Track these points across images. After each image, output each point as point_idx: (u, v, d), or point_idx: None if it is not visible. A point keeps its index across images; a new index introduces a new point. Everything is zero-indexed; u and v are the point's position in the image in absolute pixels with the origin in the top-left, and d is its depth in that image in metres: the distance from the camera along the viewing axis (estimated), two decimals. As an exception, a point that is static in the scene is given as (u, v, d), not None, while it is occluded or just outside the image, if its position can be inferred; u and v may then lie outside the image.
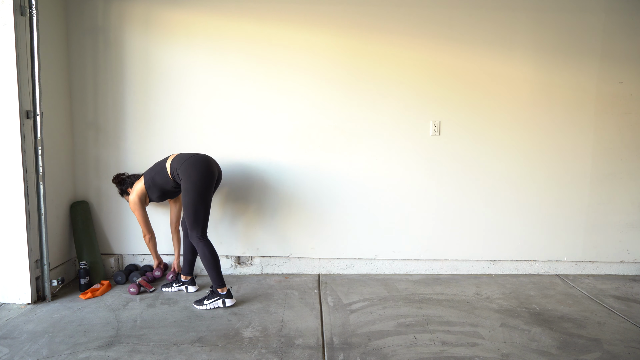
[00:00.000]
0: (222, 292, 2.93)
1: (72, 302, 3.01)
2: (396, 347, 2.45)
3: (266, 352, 2.39)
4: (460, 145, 3.53)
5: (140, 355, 2.34)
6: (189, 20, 3.37)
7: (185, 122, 3.46)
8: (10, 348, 2.40)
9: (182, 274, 3.21)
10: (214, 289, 2.93)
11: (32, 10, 2.84)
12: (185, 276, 3.20)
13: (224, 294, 2.93)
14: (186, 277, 3.21)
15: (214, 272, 2.90)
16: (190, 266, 3.19)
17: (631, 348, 2.48)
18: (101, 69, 3.41)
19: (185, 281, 3.21)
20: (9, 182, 2.87)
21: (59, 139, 3.30)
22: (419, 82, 3.45)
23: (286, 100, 3.45)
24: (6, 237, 2.91)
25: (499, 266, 3.66)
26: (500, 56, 3.45)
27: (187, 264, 3.18)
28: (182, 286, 3.21)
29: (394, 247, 3.61)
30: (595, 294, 3.28)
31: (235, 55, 3.40)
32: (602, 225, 3.63)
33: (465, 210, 3.59)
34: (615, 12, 3.43)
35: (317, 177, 3.52)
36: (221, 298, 2.92)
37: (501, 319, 2.82)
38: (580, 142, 3.55)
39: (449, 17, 3.41)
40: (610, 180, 3.59)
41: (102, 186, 3.50)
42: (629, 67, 3.49)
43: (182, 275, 3.21)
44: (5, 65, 2.79)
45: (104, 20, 3.37)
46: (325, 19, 3.39)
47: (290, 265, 3.61)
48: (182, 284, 3.21)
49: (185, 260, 3.18)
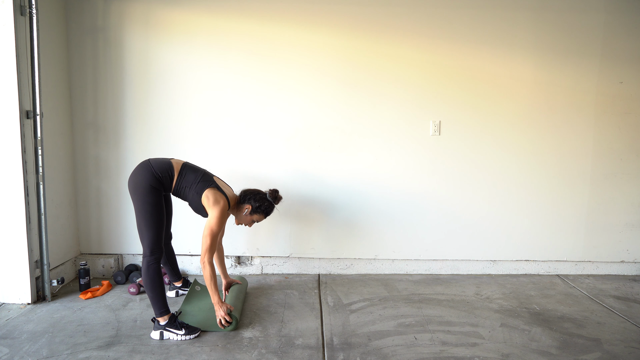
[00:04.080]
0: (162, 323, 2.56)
1: (72, 302, 3.01)
2: (396, 347, 2.45)
3: (266, 352, 2.39)
4: (460, 145, 3.52)
5: (140, 355, 2.34)
6: (189, 20, 3.37)
7: (185, 122, 3.46)
8: (10, 348, 2.40)
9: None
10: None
11: (32, 10, 2.84)
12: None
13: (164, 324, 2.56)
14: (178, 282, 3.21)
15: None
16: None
17: (631, 348, 2.48)
18: (101, 69, 3.41)
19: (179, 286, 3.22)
20: (9, 182, 2.87)
21: (59, 139, 3.30)
22: (419, 82, 3.45)
23: (287, 100, 3.44)
24: (6, 237, 2.91)
25: (499, 266, 3.66)
26: (500, 56, 3.45)
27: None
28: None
29: (394, 247, 3.61)
30: (595, 294, 3.28)
31: (235, 54, 3.39)
32: (602, 225, 3.63)
33: (465, 210, 3.59)
34: (616, 12, 3.43)
35: (317, 177, 3.52)
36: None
37: (501, 319, 2.82)
38: (580, 142, 3.55)
39: (450, 17, 3.41)
40: (610, 180, 3.59)
41: (102, 186, 3.50)
42: (629, 67, 3.49)
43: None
44: (5, 65, 2.79)
45: (104, 20, 3.37)
46: (326, 19, 3.38)
47: (290, 265, 3.61)
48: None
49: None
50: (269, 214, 2.86)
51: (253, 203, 2.78)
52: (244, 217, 2.83)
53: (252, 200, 2.78)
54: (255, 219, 2.85)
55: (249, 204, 2.79)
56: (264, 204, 2.79)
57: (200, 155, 3.47)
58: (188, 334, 2.53)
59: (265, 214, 2.83)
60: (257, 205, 2.78)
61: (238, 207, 2.83)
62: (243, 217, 2.83)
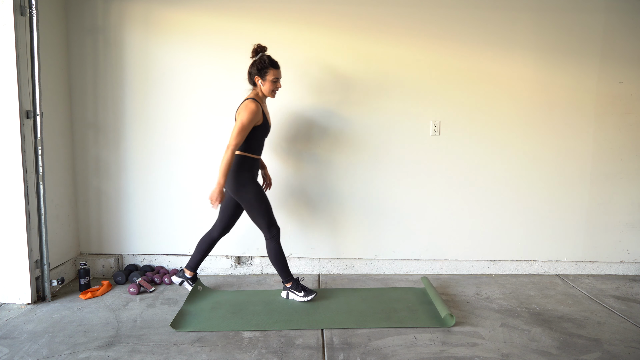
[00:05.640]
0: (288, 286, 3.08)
1: (72, 302, 3.01)
2: (396, 347, 2.45)
3: (266, 352, 2.39)
4: (460, 144, 3.52)
5: (140, 355, 2.34)
6: (189, 20, 3.37)
7: (185, 121, 3.46)
8: (10, 348, 2.40)
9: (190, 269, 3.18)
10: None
11: (32, 10, 2.84)
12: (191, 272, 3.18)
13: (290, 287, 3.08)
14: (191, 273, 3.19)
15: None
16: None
17: (631, 348, 2.48)
18: (101, 69, 3.41)
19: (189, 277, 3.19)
20: (9, 182, 2.87)
21: (59, 139, 3.30)
22: (419, 81, 3.45)
23: (286, 100, 3.44)
24: (6, 237, 2.91)
25: (499, 266, 3.66)
26: (500, 56, 3.45)
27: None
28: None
29: (394, 247, 3.61)
30: (595, 294, 3.28)
31: (236, 54, 3.39)
32: (602, 225, 3.63)
33: (465, 209, 3.59)
34: (615, 12, 3.43)
35: (317, 177, 3.52)
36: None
37: (501, 319, 2.82)
38: (580, 142, 3.55)
39: (450, 17, 3.41)
40: (610, 180, 3.59)
41: (102, 186, 3.50)
42: (629, 67, 3.49)
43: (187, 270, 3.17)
44: (5, 65, 2.79)
45: (104, 20, 3.37)
46: (325, 19, 3.38)
47: (290, 265, 3.61)
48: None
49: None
50: (271, 64, 2.91)
51: (252, 71, 2.93)
52: (265, 87, 2.93)
53: (252, 71, 2.93)
54: (270, 80, 2.91)
55: (255, 76, 2.93)
56: (256, 63, 2.91)
57: (200, 154, 3.47)
58: (305, 295, 3.02)
59: (270, 66, 2.90)
60: (256, 69, 2.91)
61: (258, 91, 2.97)
62: (265, 88, 2.94)
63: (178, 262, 3.57)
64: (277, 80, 2.94)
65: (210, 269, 3.59)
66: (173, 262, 3.58)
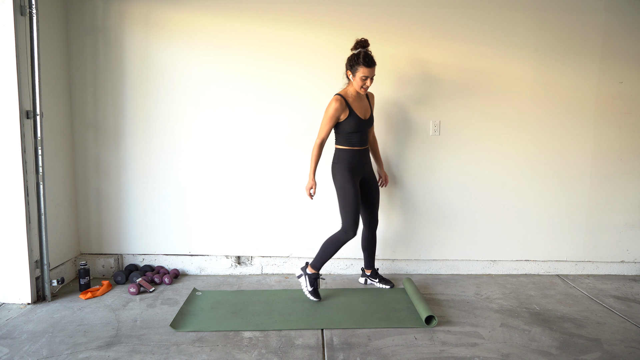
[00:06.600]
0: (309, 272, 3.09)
1: (72, 302, 3.01)
2: (396, 347, 2.45)
3: (266, 352, 2.39)
4: (460, 144, 3.52)
5: (140, 355, 2.34)
6: (189, 20, 3.37)
7: (185, 121, 3.46)
8: (10, 348, 2.40)
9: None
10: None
11: (32, 10, 2.84)
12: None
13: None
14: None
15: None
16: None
17: (631, 348, 2.48)
18: (101, 69, 3.41)
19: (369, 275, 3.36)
20: (9, 182, 2.87)
21: (59, 139, 3.30)
22: (419, 81, 3.45)
23: (286, 99, 3.44)
24: (6, 237, 2.91)
25: (499, 266, 3.66)
26: (500, 56, 3.45)
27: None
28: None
29: (394, 247, 3.61)
30: (595, 294, 3.28)
31: (236, 54, 3.39)
32: (602, 225, 3.63)
33: (465, 209, 3.58)
34: (615, 12, 3.43)
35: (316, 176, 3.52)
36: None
37: (501, 319, 2.82)
38: (580, 142, 3.55)
39: (450, 17, 3.41)
40: (610, 180, 3.59)
41: (102, 186, 3.50)
42: (629, 67, 3.49)
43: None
44: (5, 65, 2.79)
45: (104, 20, 3.37)
46: (325, 19, 3.38)
47: (291, 265, 3.61)
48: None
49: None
50: (364, 62, 2.84)
51: (346, 64, 2.94)
52: (355, 83, 2.92)
53: (346, 64, 2.94)
54: (359, 77, 2.88)
55: (347, 70, 2.94)
56: (351, 58, 2.91)
57: (200, 154, 3.47)
58: (311, 294, 3.03)
59: (361, 64, 2.84)
60: (349, 64, 2.91)
61: (349, 85, 2.99)
62: (355, 84, 2.92)
63: (178, 262, 3.57)
64: (366, 78, 2.88)
65: (210, 269, 3.59)
66: (173, 262, 3.58)
